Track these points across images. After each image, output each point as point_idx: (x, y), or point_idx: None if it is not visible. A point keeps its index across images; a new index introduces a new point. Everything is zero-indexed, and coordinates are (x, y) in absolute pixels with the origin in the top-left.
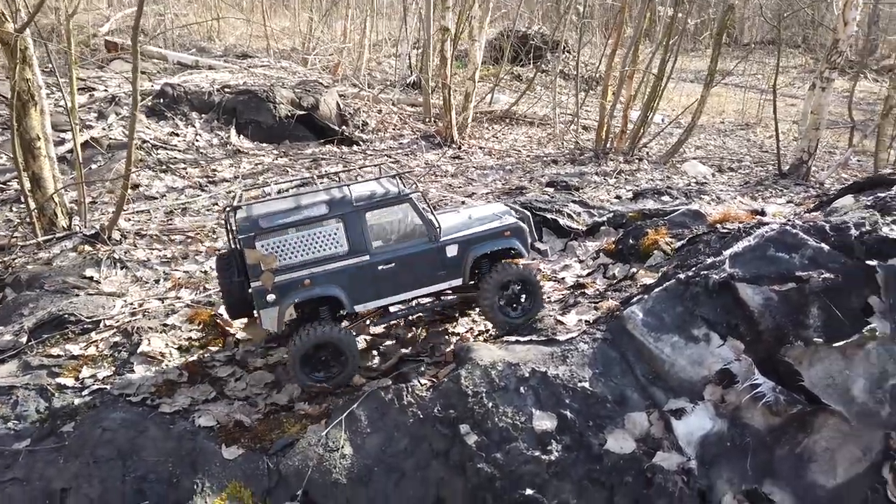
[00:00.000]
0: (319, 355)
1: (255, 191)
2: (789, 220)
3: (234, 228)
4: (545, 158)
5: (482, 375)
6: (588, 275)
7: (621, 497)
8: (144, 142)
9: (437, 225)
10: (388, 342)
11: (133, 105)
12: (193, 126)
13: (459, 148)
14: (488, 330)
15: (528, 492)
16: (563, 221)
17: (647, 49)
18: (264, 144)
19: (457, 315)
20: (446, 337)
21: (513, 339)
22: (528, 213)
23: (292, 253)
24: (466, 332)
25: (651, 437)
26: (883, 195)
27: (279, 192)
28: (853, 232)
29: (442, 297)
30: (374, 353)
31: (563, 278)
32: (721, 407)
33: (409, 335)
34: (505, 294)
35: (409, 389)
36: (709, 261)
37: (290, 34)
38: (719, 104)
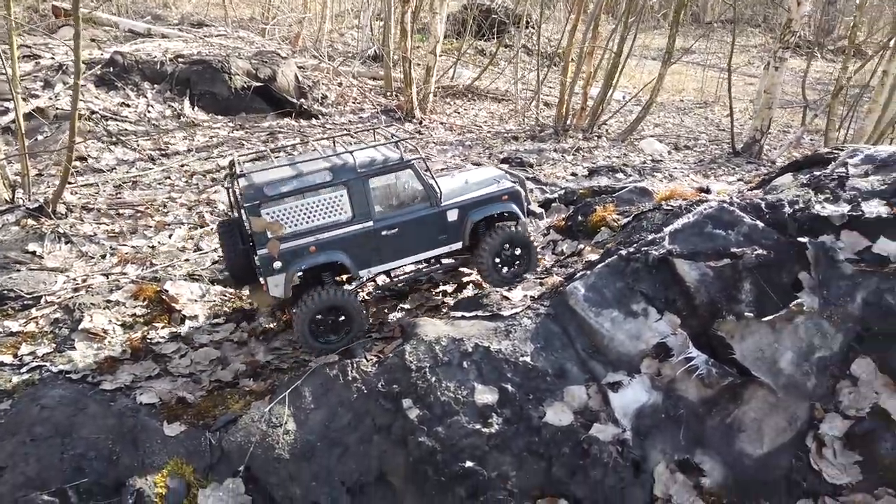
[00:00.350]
0: (326, 319)
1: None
2: (727, 198)
3: (238, 196)
4: (506, 135)
5: (426, 350)
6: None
7: (559, 468)
8: (93, 112)
9: (438, 190)
10: None
11: (76, 74)
12: (145, 97)
13: (420, 123)
14: (437, 305)
15: (469, 464)
16: None
17: (610, 25)
18: (219, 116)
19: (407, 290)
20: (396, 312)
21: (458, 314)
22: (523, 177)
23: (297, 220)
24: (416, 307)
25: (589, 409)
26: (818, 173)
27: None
28: (787, 210)
29: (441, 262)
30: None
31: None
32: (657, 380)
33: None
34: (501, 255)
35: (355, 365)
36: (650, 237)
37: (249, 3)
38: (680, 82)
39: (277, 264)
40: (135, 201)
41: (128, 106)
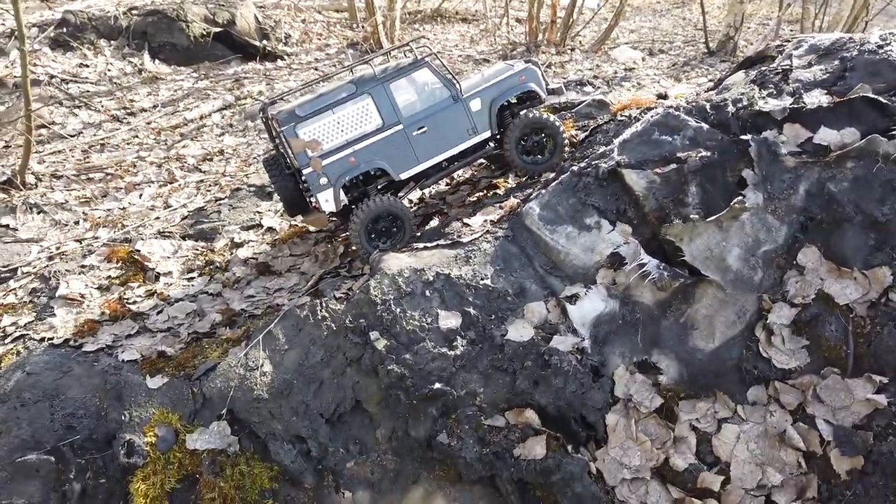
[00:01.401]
0: (379, 226)
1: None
2: (674, 103)
3: (273, 126)
4: (477, 57)
5: (390, 283)
6: (500, 174)
7: (522, 380)
8: (52, 77)
9: (457, 83)
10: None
11: (20, 40)
12: (103, 55)
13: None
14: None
15: (437, 386)
16: None
17: None
18: (182, 67)
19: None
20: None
21: (420, 245)
22: (536, 61)
23: (333, 136)
24: None
25: (548, 323)
26: (764, 69)
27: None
28: (730, 109)
29: (476, 155)
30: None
31: (478, 179)
32: (612, 288)
33: (324, 252)
34: (528, 141)
35: (324, 304)
36: (600, 150)
37: None
38: None
39: (323, 180)
40: (104, 164)
41: (86, 66)
